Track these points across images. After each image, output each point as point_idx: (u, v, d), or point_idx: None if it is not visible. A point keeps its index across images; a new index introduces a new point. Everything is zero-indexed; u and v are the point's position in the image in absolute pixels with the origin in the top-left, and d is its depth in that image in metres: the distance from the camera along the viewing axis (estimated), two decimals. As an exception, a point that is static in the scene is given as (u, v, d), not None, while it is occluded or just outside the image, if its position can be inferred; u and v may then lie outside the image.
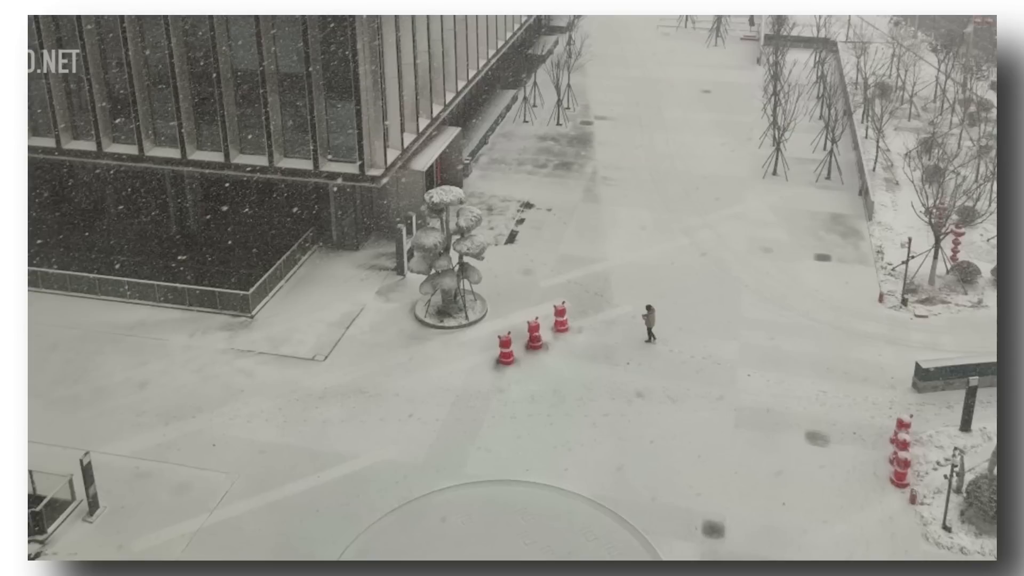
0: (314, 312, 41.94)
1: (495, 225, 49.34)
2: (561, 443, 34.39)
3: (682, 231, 48.88)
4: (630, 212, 50.74)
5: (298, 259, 45.36)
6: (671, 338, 40.09)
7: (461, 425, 35.30)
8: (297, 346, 39.70)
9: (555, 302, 41.36)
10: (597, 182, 54.33)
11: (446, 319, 41.35)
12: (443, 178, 52.60)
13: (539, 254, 46.73)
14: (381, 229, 48.16)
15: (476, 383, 37.50)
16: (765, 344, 39.90)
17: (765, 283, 44.35)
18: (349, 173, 44.13)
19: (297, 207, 46.93)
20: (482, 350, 39.42)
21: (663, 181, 54.38)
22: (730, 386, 37.28)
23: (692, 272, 45.20)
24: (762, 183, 54.08)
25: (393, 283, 44.25)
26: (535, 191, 53.06)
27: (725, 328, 40.85)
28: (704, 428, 35.10)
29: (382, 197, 47.74)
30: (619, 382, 37.51)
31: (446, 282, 40.53)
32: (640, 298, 42.01)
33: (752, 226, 49.39)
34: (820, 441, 34.62)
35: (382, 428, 35.17)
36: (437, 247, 39.93)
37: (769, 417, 35.73)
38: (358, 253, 46.56)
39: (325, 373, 38.10)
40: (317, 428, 35.19)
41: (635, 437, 34.68)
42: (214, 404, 36.27)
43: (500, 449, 34.13)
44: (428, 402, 36.42)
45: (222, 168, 45.05)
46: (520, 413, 35.90)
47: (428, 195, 39.88)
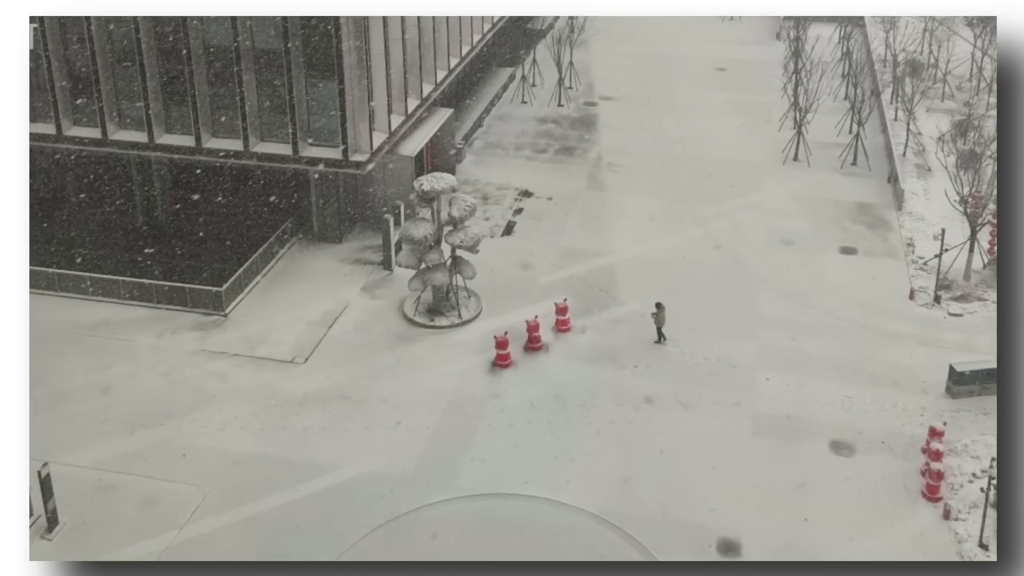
0: (293, 310, 41.87)
1: (491, 215, 49.26)
2: (563, 453, 34.33)
3: (694, 222, 48.83)
4: (638, 201, 50.67)
5: (276, 252, 45.27)
6: (683, 338, 40.03)
7: (454, 433, 35.23)
8: (275, 347, 39.64)
9: (556, 299, 41.32)
10: (602, 168, 54.26)
11: (437, 318, 41.28)
12: (434, 164, 52.52)
13: (539, 247, 46.67)
14: (366, 220, 48.09)
15: (470, 388, 37.44)
16: (785, 345, 39.86)
17: (785, 278, 44.31)
18: (331, 159, 44.05)
19: (275, 196, 46.85)
20: (476, 352, 39.36)
21: (674, 167, 54.30)
22: (747, 391, 37.23)
23: (705, 266, 45.13)
24: (782, 169, 54.03)
25: (379, 279, 44.19)
26: (534, 178, 52.97)
27: (742, 327, 40.78)
28: (719, 436, 35.04)
29: (367, 185, 47.65)
30: (626, 386, 37.45)
31: (437, 277, 40.47)
32: (649, 295, 41.95)
33: (771, 216, 49.32)
34: (845, 451, 34.57)
35: (367, 436, 35.10)
36: (427, 239, 39.87)
37: (790, 425, 35.69)
38: (341, 246, 46.51)
39: (305, 376, 38.04)
40: (296, 436, 35.11)
41: (643, 446, 34.63)
42: (184, 410, 36.20)
43: (496, 459, 34.07)
44: (417, 408, 36.36)
45: (193, 153, 44.96)
46: (518, 420, 35.86)
47: (418, 183, 39.84)
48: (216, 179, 47.27)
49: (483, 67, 63.48)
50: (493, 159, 55.12)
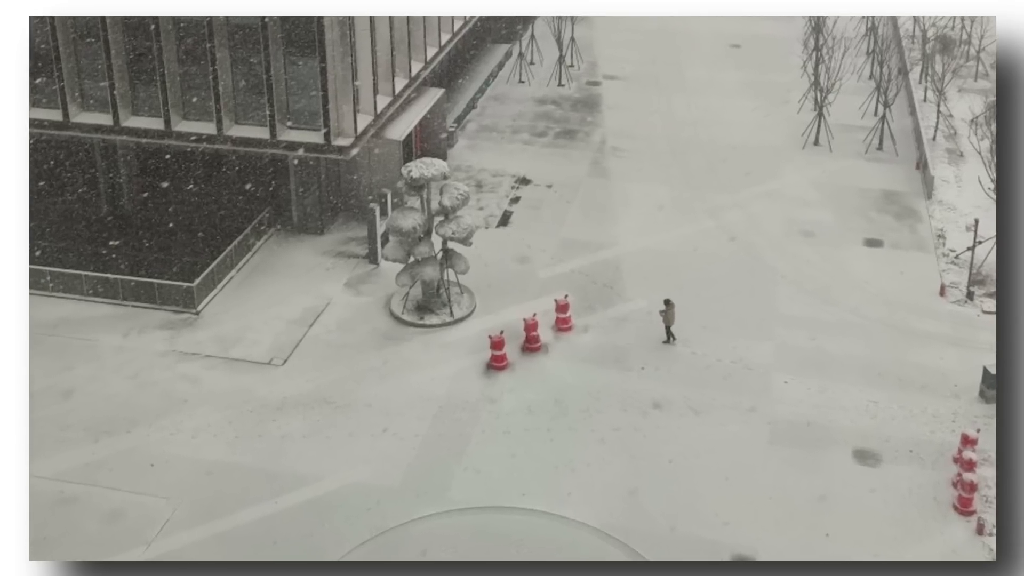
0: (271, 307, 41.87)
1: (485, 205, 49.29)
2: (563, 463, 34.35)
3: (706, 212, 48.85)
4: (645, 189, 50.67)
5: (252, 245, 45.26)
6: (694, 338, 40.06)
7: (445, 441, 35.24)
8: (251, 348, 39.65)
9: (556, 296, 41.32)
10: (606, 153, 54.25)
11: (427, 316, 41.29)
12: (424, 149, 52.49)
13: (537, 239, 46.68)
14: (350, 209, 48.09)
15: (463, 392, 37.45)
16: (805, 345, 39.89)
17: (805, 273, 44.32)
18: (312, 143, 44.02)
19: (251, 183, 46.82)
20: (470, 352, 39.39)
21: (684, 152, 54.30)
22: (764, 395, 37.26)
23: (718, 260, 45.16)
24: (801, 154, 54.03)
25: (364, 273, 44.20)
26: (533, 164, 52.94)
27: (758, 326, 40.81)
28: (733, 445, 35.07)
29: (351, 171, 47.63)
30: (632, 390, 37.49)
31: (427, 272, 40.46)
32: (657, 291, 41.98)
33: (790, 205, 49.35)
34: (870, 460, 34.61)
35: (351, 445, 35.11)
36: (416, 231, 39.88)
37: (810, 432, 35.72)
38: (323, 238, 46.51)
39: (284, 380, 38.04)
40: (274, 445, 35.11)
41: (651, 456, 34.66)
42: (152, 416, 36.18)
43: (491, 470, 34.08)
44: (406, 414, 36.37)
45: (162, 137, 44.92)
46: (515, 427, 35.87)
47: (406, 169, 39.83)
48: (187, 165, 47.21)
49: (477, 44, 63.44)
50: (488, 143, 55.07)
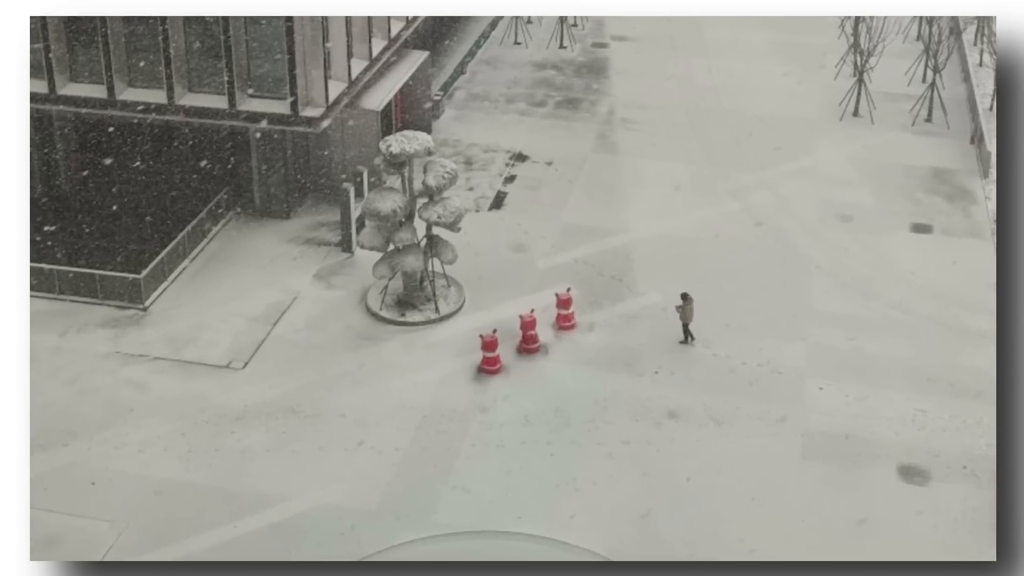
0: (229, 303, 41.86)
1: (476, 184, 49.28)
2: (566, 481, 34.37)
3: (730, 192, 48.88)
4: (659, 166, 50.67)
5: (208, 231, 45.26)
6: (715, 338, 40.08)
7: (429, 456, 35.24)
8: (206, 349, 39.62)
9: (557, 289, 41.31)
10: (614, 126, 54.24)
11: (409, 312, 41.30)
12: (405, 120, 52.43)
13: (536, 224, 46.67)
14: (321, 190, 48.09)
15: (450, 399, 37.45)
16: (843, 346, 39.89)
17: (843, 263, 44.33)
18: (277, 114, 43.95)
19: (206, 160, 46.76)
20: (458, 354, 39.40)
21: (704, 124, 54.29)
22: (795, 403, 37.29)
23: (744, 248, 45.20)
24: (839, 127, 54.01)
25: (337, 263, 44.23)
26: (530, 138, 52.89)
27: (789, 324, 40.84)
28: (760, 460, 35.10)
29: (322, 146, 47.59)
30: (644, 398, 37.51)
31: (409, 262, 40.43)
32: (673, 284, 41.97)
33: (825, 185, 49.38)
34: (918, 478, 34.63)
35: (322, 460, 35.10)
36: (396, 214, 39.84)
37: (848, 445, 35.74)
38: (289, 223, 46.53)
39: (244, 386, 38.04)
40: (233, 460, 35.11)
41: (666, 473, 34.68)
42: (93, 427, 36.16)
43: (483, 489, 34.09)
44: (385, 425, 36.37)
45: (104, 107, 44.80)
46: (510, 440, 35.87)
47: (385, 144, 39.80)
48: (133, 139, 47.12)
49: (466, -1, 63.36)
50: (479, 114, 55.04)
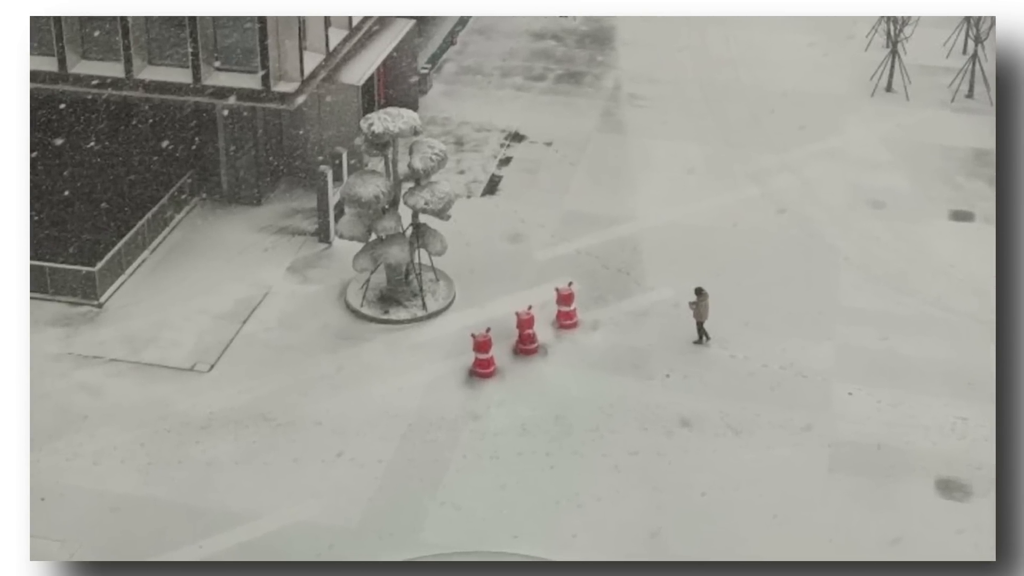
0: (194, 298, 41.84)
1: (468, 168, 49.30)
2: (567, 496, 34.36)
3: (749, 176, 48.89)
4: (671, 147, 50.65)
5: (170, 219, 45.24)
6: (733, 338, 40.11)
7: (416, 469, 35.24)
8: (168, 350, 39.61)
9: (557, 284, 41.30)
10: (621, 103, 54.21)
11: (393, 309, 41.31)
12: (389, 96, 52.38)
13: (534, 211, 46.69)
14: (295, 173, 48.06)
15: (439, 406, 37.46)
16: (875, 347, 39.89)
17: (875, 254, 44.32)
18: (246, 89, 43.89)
19: (168, 140, 46.70)
20: (448, 356, 39.41)
21: (720, 100, 54.28)
22: (822, 410, 37.29)
23: (764, 238, 45.23)
24: (870, 103, 53.97)
25: (313, 255, 44.24)
26: (528, 116, 52.87)
27: (814, 323, 40.85)
28: (783, 473, 35.10)
29: (297, 125, 47.54)
30: (654, 404, 37.51)
31: (393, 253, 40.41)
32: (685, 278, 41.95)
33: (855, 168, 49.38)
34: (958, 493, 34.61)
35: (296, 474, 35.09)
36: (379, 200, 39.81)
37: (881, 457, 35.73)
38: (260, 209, 46.55)
39: (211, 390, 38.03)
40: (198, 473, 35.08)
41: (678, 487, 34.68)
42: (43, 437, 36.06)
43: (474, 505, 34.10)
44: (366, 434, 36.36)
45: (55, 81, 44.73)
46: (505, 451, 35.88)
47: (366, 122, 39.74)
48: (87, 117, 47.05)
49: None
50: (470, 89, 55.03)
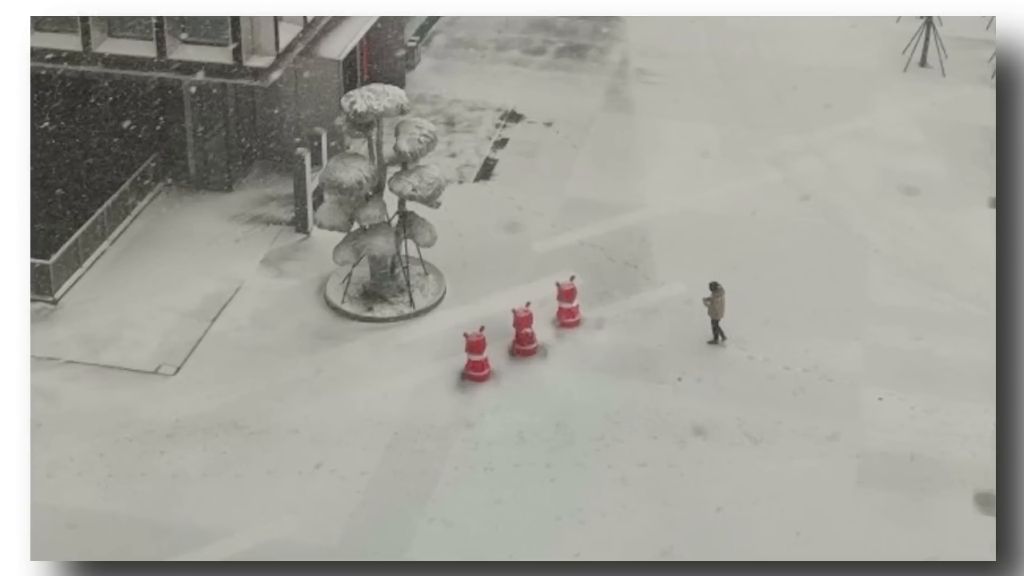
0: (158, 294, 41.88)
1: (459, 150, 49.39)
2: (568, 511, 34.39)
3: (770, 160, 48.99)
4: (683, 128, 50.77)
5: (132, 206, 45.30)
6: (752, 337, 40.19)
7: (402, 482, 35.27)
8: (130, 351, 39.63)
9: (558, 278, 41.33)
10: (628, 78, 54.29)
11: (378, 306, 41.38)
12: (373, 72, 52.37)
13: (532, 198, 46.77)
14: (269, 157, 48.14)
15: (428, 412, 37.49)
16: (907, 347, 39.95)
17: (907, 246, 44.38)
18: (216, 64, 43.86)
19: (130, 120, 46.70)
20: (437, 357, 39.48)
21: (738, 76, 54.38)
22: (850, 417, 37.34)
23: (786, 228, 45.34)
24: (902, 80, 54.04)
25: (289, 246, 44.32)
26: (526, 93, 52.97)
27: (841, 321, 40.94)
28: (806, 487, 35.14)
29: (271, 104, 47.63)
30: (665, 410, 37.56)
31: (377, 244, 40.42)
32: (699, 272, 42.00)
33: (886, 151, 49.47)
34: (997, 507, 34.69)
35: (271, 487, 35.12)
36: (362, 186, 39.82)
37: (915, 468, 35.77)
38: (231, 196, 46.64)
39: (177, 396, 38.05)
40: (163, 487, 35.08)
41: (692, 501, 34.71)
42: (-9, 448, 36.13)
43: (467, 522, 34.11)
44: (348, 443, 36.40)
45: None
46: (500, 462, 35.92)
47: (348, 100, 39.75)
48: (41, 94, 47.02)
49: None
50: (462, 64, 55.09)
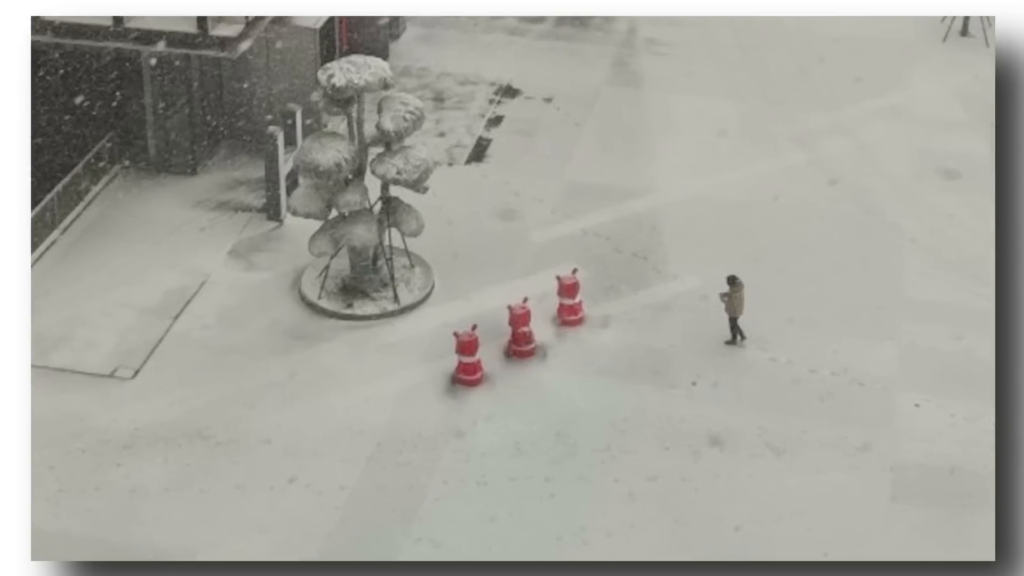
0: (114, 289, 41.97)
1: (449, 129, 49.51)
2: (570, 530, 34.42)
3: (793, 139, 49.14)
4: (698, 104, 50.99)
5: (85, 191, 45.43)
6: (774, 337, 40.24)
7: (385, 497, 35.31)
8: (83, 351, 39.68)
9: (559, 271, 41.32)
10: (636, 49, 54.47)
11: (359, 302, 41.46)
12: (353, 42, 52.38)
13: (530, 182, 46.90)
14: (238, 136, 48.33)
15: (414, 420, 37.55)
16: (947, 348, 39.97)
17: (947, 235, 44.41)
18: (179, 33, 43.76)
19: (84, 96, 46.66)
20: (425, 359, 39.55)
21: (759, 47, 54.56)
22: (883, 425, 37.41)
23: (813, 215, 45.46)
24: (941, 51, 54.18)
25: (260, 235, 44.48)
26: (523, 66, 53.22)
27: (873, 319, 41.03)
28: (835, 502, 35.19)
29: (240, 78, 47.80)
30: (677, 418, 37.60)
31: (358, 234, 40.39)
32: (716, 264, 42.10)
33: (923, 130, 49.64)
34: (1047, 526, 34.62)
35: (240, 503, 35.15)
36: (341, 169, 39.79)
37: (955, 483, 35.78)
38: (196, 180, 46.77)
39: (135, 401, 38.10)
40: (120, 503, 35.10)
41: (707, 520, 34.74)
42: (-72, 460, 36.07)
43: (457, 542, 34.17)
44: (325, 455, 36.45)
45: (-58, 22, 44.66)
46: (495, 475, 35.96)
47: (326, 73, 39.71)
48: (-17, 67, 46.96)
49: None
50: (452, 33, 55.21)
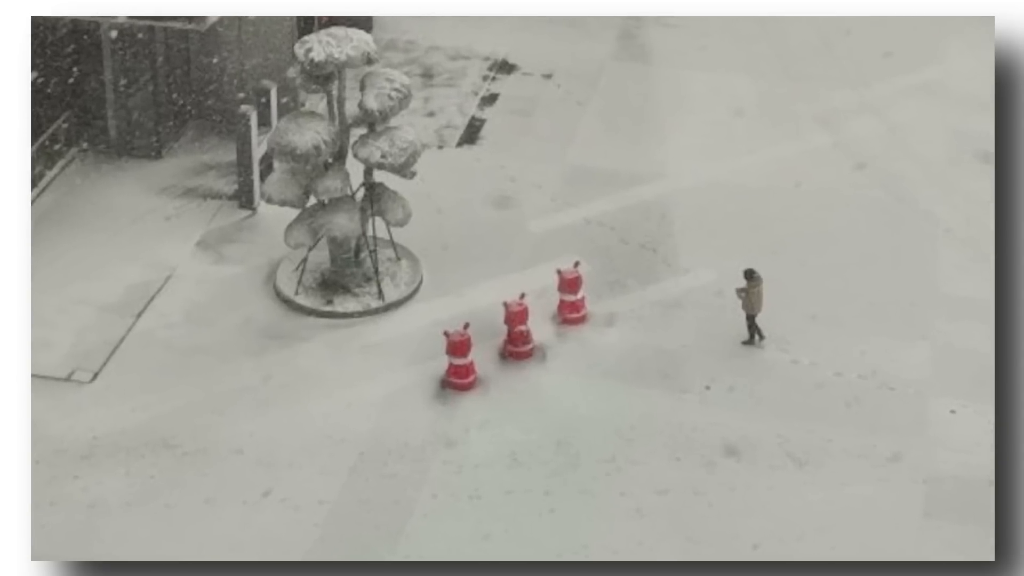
0: (72, 283, 42.19)
1: (439, 108, 49.82)
2: (572, 549, 34.46)
3: (817, 120, 49.47)
4: (712, 81, 51.40)
5: (39, 177, 45.78)
6: (796, 336, 40.36)
7: (369, 513, 35.36)
8: (37, 353, 39.50)
9: (560, 264, 41.28)
10: (644, 22, 54.76)
11: (339, 298, 41.57)
12: (333, 14, 52.08)
13: (528, 166, 47.15)
14: (207, 116, 48.62)
15: (400, 428, 37.67)
16: (985, 349, 39.66)
17: (985, 225, 44.17)
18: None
19: (37, 72, 46.50)
20: (412, 361, 39.69)
21: (778, 20, 54.68)
22: (916, 433, 37.54)
23: (838, 202, 45.74)
24: (978, 22, 54.00)
25: (232, 225, 44.70)
26: (520, 38, 53.65)
27: (905, 317, 41.25)
28: (863, 518, 35.27)
29: (209, 52, 48.04)
30: (690, 426, 37.70)
31: (339, 223, 40.40)
32: (732, 257, 42.18)
33: (958, 109, 50.00)
34: (1096, 543, 34.47)
35: (210, 519, 35.18)
36: (321, 152, 39.76)
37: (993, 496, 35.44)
38: (161, 164, 47.01)
39: (94, 407, 38.22)
40: (78, 519, 35.16)
41: (722, 537, 34.81)
42: None
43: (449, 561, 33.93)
44: (304, 466, 36.53)
45: None
46: (489, 487, 36.03)
47: (303, 47, 39.67)
48: (-73, 40, 46.87)
49: None
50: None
